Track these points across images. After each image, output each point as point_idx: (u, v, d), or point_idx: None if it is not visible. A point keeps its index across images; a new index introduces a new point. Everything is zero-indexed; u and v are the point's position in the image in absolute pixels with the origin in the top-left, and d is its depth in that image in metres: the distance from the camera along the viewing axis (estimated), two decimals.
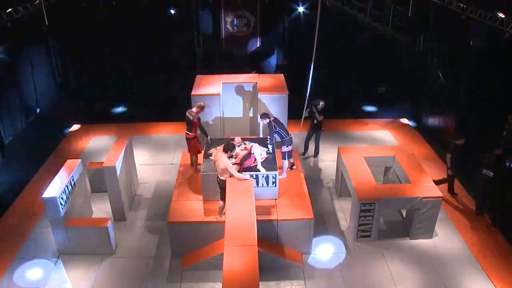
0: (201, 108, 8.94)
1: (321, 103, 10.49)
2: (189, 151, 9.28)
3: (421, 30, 12.19)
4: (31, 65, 12.30)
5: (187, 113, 8.95)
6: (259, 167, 8.03)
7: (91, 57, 14.34)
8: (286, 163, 8.96)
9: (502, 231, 8.51)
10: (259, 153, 8.22)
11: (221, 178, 7.50)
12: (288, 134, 8.88)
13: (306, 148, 11.27)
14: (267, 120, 8.80)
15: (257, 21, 14.91)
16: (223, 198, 7.49)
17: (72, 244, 7.90)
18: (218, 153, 7.80)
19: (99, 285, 7.41)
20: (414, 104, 13.58)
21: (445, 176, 9.54)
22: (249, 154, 7.99)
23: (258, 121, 9.90)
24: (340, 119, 12.86)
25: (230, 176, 7.44)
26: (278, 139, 8.85)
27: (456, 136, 9.32)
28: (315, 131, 10.93)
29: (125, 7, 14.06)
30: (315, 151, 11.20)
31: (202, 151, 8.98)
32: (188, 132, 8.99)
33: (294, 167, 9.25)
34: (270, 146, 8.77)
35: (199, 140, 9.10)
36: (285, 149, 8.81)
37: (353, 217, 8.37)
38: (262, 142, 8.89)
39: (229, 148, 7.63)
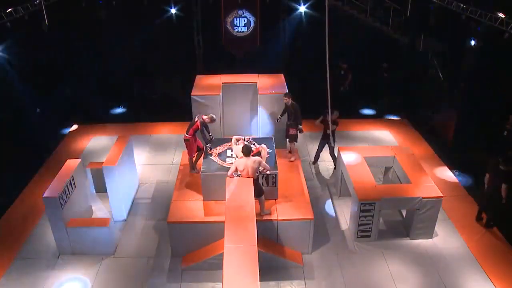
0: (211, 120, 8.86)
1: (335, 112, 10.00)
2: (187, 152, 9.28)
3: (420, 30, 12.21)
4: (31, 65, 12.30)
5: (197, 115, 8.94)
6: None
7: (91, 56, 14.34)
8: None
9: (502, 231, 8.51)
10: (265, 153, 8.20)
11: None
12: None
13: (317, 157, 10.84)
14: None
15: (257, 21, 14.91)
16: (257, 194, 7.39)
17: (72, 244, 7.91)
18: (242, 160, 7.37)
19: (99, 285, 7.41)
20: (414, 104, 13.58)
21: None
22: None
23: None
24: (340, 119, 12.81)
25: (261, 172, 7.52)
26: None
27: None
28: (328, 141, 10.33)
29: (125, 7, 14.07)
30: (333, 162, 10.60)
31: (195, 155, 8.99)
32: (185, 133, 8.98)
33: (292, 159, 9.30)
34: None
35: (194, 142, 9.04)
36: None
37: (353, 217, 8.37)
38: (267, 142, 8.88)
39: (249, 150, 7.41)
